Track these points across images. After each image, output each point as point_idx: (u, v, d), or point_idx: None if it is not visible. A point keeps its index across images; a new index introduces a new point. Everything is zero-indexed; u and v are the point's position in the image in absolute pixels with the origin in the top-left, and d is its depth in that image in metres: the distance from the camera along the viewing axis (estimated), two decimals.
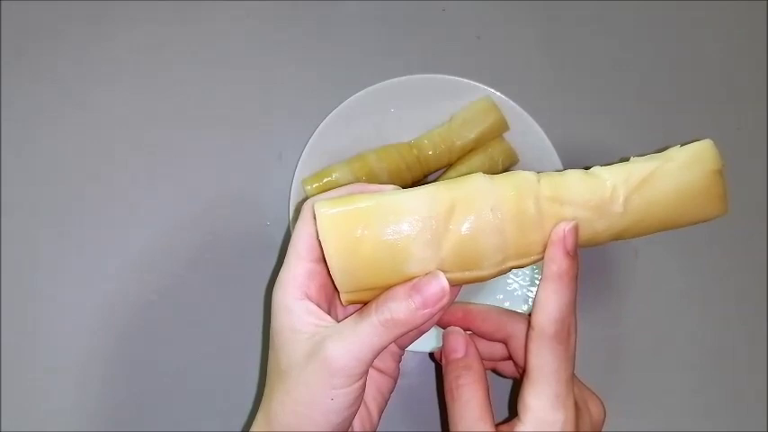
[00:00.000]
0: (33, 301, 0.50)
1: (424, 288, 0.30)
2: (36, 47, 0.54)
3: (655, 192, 0.31)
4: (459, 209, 0.30)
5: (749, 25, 0.58)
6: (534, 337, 0.32)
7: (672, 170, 0.31)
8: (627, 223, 0.31)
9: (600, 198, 0.31)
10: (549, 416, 0.32)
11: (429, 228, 0.30)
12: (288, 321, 0.31)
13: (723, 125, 0.56)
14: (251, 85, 0.54)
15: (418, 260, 0.30)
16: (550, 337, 0.31)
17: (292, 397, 0.31)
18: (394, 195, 0.31)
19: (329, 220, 0.30)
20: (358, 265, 0.30)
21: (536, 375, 0.32)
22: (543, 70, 0.56)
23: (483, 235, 0.30)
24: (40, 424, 0.48)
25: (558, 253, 0.31)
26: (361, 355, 0.30)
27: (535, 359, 0.32)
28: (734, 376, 0.51)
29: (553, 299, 0.31)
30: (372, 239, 0.30)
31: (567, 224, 0.31)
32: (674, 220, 0.32)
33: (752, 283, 0.53)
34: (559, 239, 0.31)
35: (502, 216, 0.30)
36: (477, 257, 0.30)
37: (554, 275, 0.31)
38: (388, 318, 0.30)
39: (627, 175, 0.31)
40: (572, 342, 0.32)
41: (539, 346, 0.32)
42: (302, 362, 0.30)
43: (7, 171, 0.52)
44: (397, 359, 0.37)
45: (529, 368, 0.32)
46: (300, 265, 0.32)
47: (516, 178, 0.31)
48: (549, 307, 0.31)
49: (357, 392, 0.31)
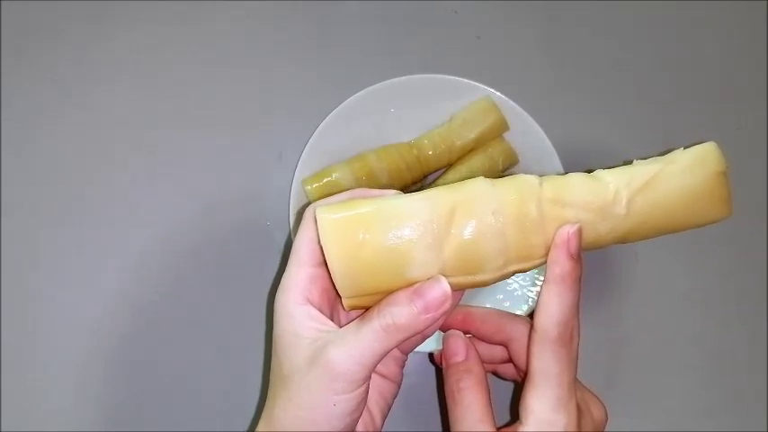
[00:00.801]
0: (33, 301, 0.50)
1: (426, 293, 0.30)
2: (36, 47, 0.54)
3: (658, 194, 0.31)
4: (460, 213, 0.30)
5: (749, 25, 0.58)
6: (537, 340, 0.32)
7: (675, 173, 0.31)
8: (630, 226, 0.31)
9: (603, 200, 0.31)
10: (550, 418, 0.32)
11: (430, 232, 0.30)
12: (290, 326, 0.31)
13: (723, 125, 0.56)
14: (251, 85, 0.54)
15: (420, 265, 0.30)
16: (553, 340, 0.31)
17: (294, 402, 0.31)
18: (395, 200, 0.31)
19: (331, 225, 0.30)
20: (359, 270, 0.30)
21: (538, 378, 0.32)
22: (543, 70, 0.56)
23: (485, 239, 0.30)
24: (40, 424, 0.48)
25: (562, 255, 0.30)
26: (363, 360, 0.30)
27: (537, 362, 0.32)
28: (734, 377, 0.51)
29: (556, 301, 0.31)
30: (374, 244, 0.29)
31: (571, 227, 0.30)
32: (678, 223, 0.32)
33: (752, 284, 0.53)
34: (563, 242, 0.30)
35: (503, 220, 0.30)
36: (478, 261, 0.30)
37: (557, 278, 0.31)
38: (390, 323, 0.30)
39: (630, 178, 0.31)
40: (575, 345, 0.32)
41: (541, 348, 0.32)
42: (304, 367, 0.30)
43: (7, 171, 0.52)
44: (401, 364, 0.37)
45: (531, 371, 0.32)
46: (302, 271, 0.32)
47: (518, 181, 0.31)
48: (551, 309, 0.31)
49: (360, 398, 0.30)
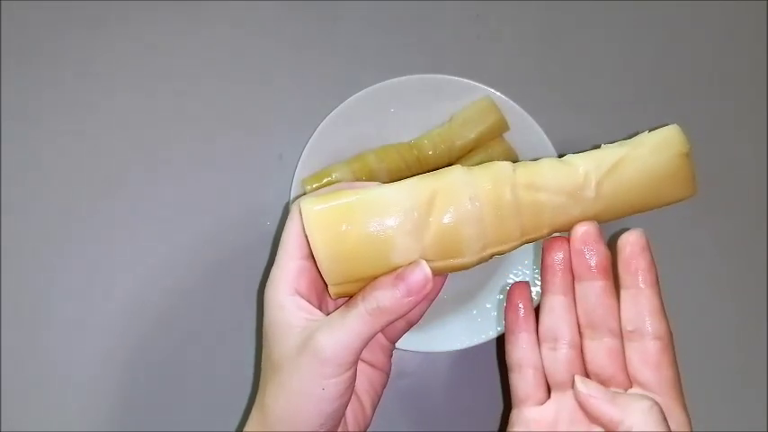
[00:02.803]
0: (33, 302, 0.50)
1: (408, 276, 0.31)
2: (36, 47, 0.54)
3: (625, 176, 0.33)
4: (439, 200, 0.31)
5: (749, 25, 0.58)
6: (669, 347, 0.33)
7: (641, 155, 0.33)
8: (600, 208, 0.33)
9: (573, 184, 0.32)
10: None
11: (411, 219, 0.31)
12: (280, 317, 0.32)
13: (723, 125, 0.56)
14: (251, 86, 0.54)
15: (402, 251, 0.31)
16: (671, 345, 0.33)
17: (285, 388, 0.31)
18: (377, 189, 0.32)
19: (314, 215, 0.31)
20: (344, 258, 0.31)
21: (667, 388, 0.32)
22: (543, 70, 0.56)
23: (463, 224, 0.31)
24: (40, 424, 0.48)
25: (643, 260, 0.33)
26: (349, 344, 0.31)
27: (674, 368, 0.33)
28: (734, 377, 0.51)
29: (661, 306, 0.33)
30: (357, 232, 0.31)
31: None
32: (646, 203, 0.33)
33: (752, 284, 0.53)
34: (642, 247, 0.33)
35: (480, 205, 0.31)
36: (458, 246, 0.32)
37: (653, 282, 0.33)
38: (374, 306, 0.31)
39: (598, 162, 0.33)
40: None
41: (673, 352, 0.33)
42: (294, 354, 0.31)
43: (7, 171, 0.52)
44: (388, 353, 0.37)
45: (667, 382, 0.32)
46: (290, 263, 0.33)
47: (493, 168, 0.33)
48: (660, 314, 0.33)
49: (348, 382, 0.31)
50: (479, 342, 0.46)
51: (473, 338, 0.46)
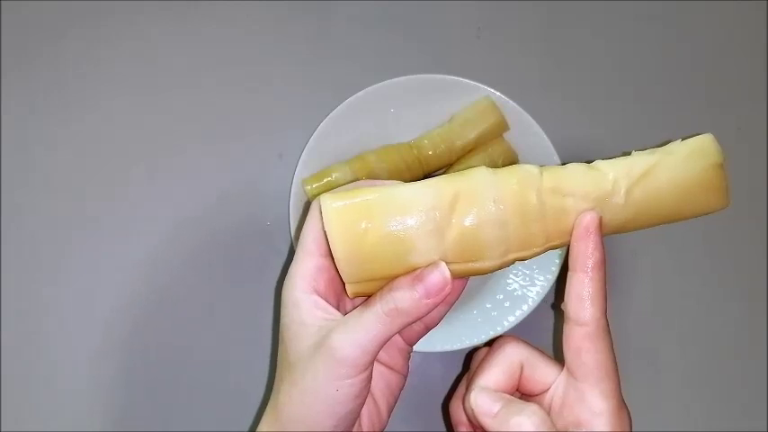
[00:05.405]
0: (34, 301, 0.50)
1: (427, 277, 0.30)
2: (36, 47, 0.54)
3: (656, 184, 0.31)
4: (462, 201, 0.30)
5: (749, 25, 0.58)
6: (591, 334, 0.31)
7: (673, 163, 0.32)
8: (628, 215, 0.32)
9: (602, 190, 0.31)
10: (621, 417, 0.32)
11: (432, 219, 0.30)
12: (296, 315, 0.32)
13: (723, 125, 0.56)
14: (251, 85, 0.54)
15: (422, 251, 0.30)
16: (606, 330, 0.32)
17: (299, 388, 0.31)
18: (398, 188, 0.31)
19: (334, 212, 0.30)
20: (363, 257, 0.30)
21: (599, 374, 0.32)
22: (543, 70, 0.56)
23: (485, 227, 0.30)
24: (39, 424, 0.48)
25: (591, 246, 0.31)
26: (366, 345, 0.30)
27: (595, 356, 0.31)
28: (734, 376, 0.51)
29: (602, 292, 0.31)
30: (377, 231, 0.30)
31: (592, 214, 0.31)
32: (676, 213, 0.32)
33: (752, 283, 0.53)
34: (589, 231, 0.31)
35: (504, 208, 0.30)
36: (479, 249, 0.31)
37: (599, 265, 0.31)
38: (392, 307, 0.30)
39: (628, 169, 0.32)
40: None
41: (597, 341, 0.31)
42: (309, 353, 0.31)
43: (7, 171, 0.52)
44: (406, 356, 0.37)
45: (585, 368, 0.32)
46: (309, 261, 0.32)
47: (518, 171, 0.32)
48: (599, 300, 0.31)
49: (362, 384, 0.31)
50: (479, 342, 0.46)
51: (473, 338, 0.46)
